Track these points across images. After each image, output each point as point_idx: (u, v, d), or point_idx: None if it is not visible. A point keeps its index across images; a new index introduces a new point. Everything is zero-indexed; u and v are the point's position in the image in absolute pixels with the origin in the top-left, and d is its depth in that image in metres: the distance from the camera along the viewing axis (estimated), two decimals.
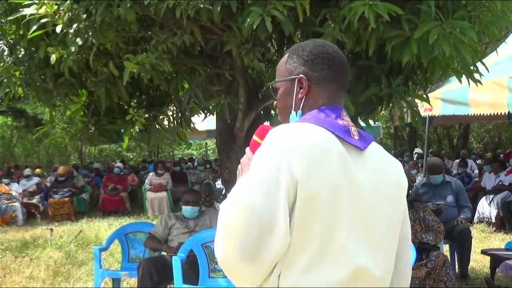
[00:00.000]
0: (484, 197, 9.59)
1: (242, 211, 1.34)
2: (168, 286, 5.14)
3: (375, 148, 1.54)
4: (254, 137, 1.58)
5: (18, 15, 4.02)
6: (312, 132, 1.42)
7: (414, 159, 14.19)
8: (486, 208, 9.41)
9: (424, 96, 4.69)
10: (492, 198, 9.34)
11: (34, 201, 12.35)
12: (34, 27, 3.91)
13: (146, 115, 4.81)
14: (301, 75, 1.55)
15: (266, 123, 4.68)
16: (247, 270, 1.36)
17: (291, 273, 1.35)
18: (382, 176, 1.50)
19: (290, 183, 1.34)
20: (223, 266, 1.42)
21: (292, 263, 1.36)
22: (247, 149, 1.57)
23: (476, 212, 9.42)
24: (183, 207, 5.21)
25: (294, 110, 1.56)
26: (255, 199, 1.34)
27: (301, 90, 1.55)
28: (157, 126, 4.96)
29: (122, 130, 5.17)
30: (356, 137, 1.47)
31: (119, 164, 15.37)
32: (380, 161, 1.53)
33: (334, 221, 1.37)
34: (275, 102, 1.67)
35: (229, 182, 4.87)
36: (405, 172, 5.24)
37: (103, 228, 10.09)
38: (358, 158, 1.45)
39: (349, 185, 1.40)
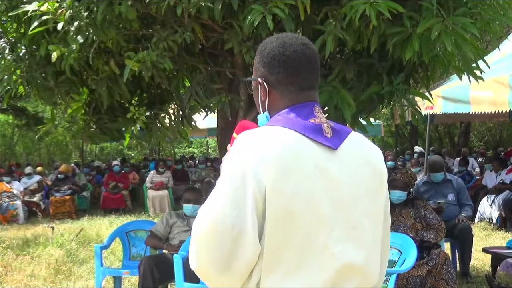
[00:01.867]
0: (486, 197, 9.57)
1: (211, 223, 1.33)
2: (169, 285, 5.15)
3: (351, 141, 1.48)
4: (234, 135, 1.55)
5: (19, 11, 4.03)
6: (282, 137, 1.38)
7: (415, 157, 14.17)
8: (487, 208, 9.39)
9: (426, 94, 4.68)
10: (494, 199, 9.32)
11: (35, 199, 12.36)
12: (35, 23, 3.91)
13: (147, 113, 4.82)
14: (259, 79, 1.53)
15: None
16: (223, 279, 1.37)
17: (272, 280, 1.34)
18: (359, 170, 1.46)
19: (258, 193, 1.31)
20: (200, 276, 1.43)
21: (272, 271, 1.34)
22: (229, 147, 1.55)
23: (478, 213, 9.41)
24: (184, 205, 5.21)
25: (262, 111, 1.55)
26: (223, 209, 1.32)
27: (262, 93, 1.53)
28: (158, 124, 4.96)
29: (123, 128, 5.17)
30: (329, 135, 1.43)
31: (115, 162, 15.31)
32: (357, 155, 1.47)
33: (313, 225, 1.35)
34: None
35: None
36: (406, 170, 5.18)
37: (104, 226, 10.09)
38: (333, 156, 1.42)
39: (326, 186, 1.38)
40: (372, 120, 4.94)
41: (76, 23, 3.85)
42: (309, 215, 1.34)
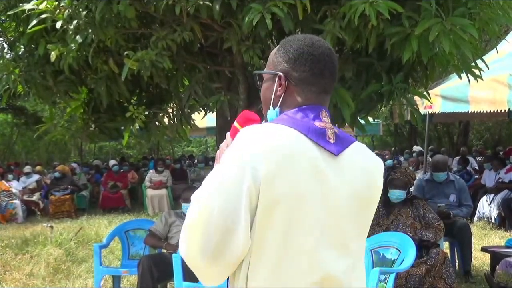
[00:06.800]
0: (485, 196, 9.58)
1: (204, 211, 1.35)
2: (168, 284, 5.15)
3: (354, 150, 1.48)
4: (235, 124, 1.55)
5: (18, 9, 4.02)
6: (282, 135, 1.39)
7: (414, 156, 14.16)
8: (486, 208, 9.39)
9: (425, 93, 4.68)
10: (493, 198, 9.33)
11: (34, 198, 12.35)
12: (34, 22, 3.91)
13: (146, 113, 4.81)
14: (281, 73, 1.51)
15: None
16: (210, 269, 1.38)
17: (256, 278, 1.36)
18: (357, 180, 1.46)
19: (253, 187, 1.33)
20: (188, 263, 1.43)
21: (256, 268, 1.36)
22: (227, 134, 1.54)
23: (477, 212, 9.42)
24: (183, 204, 5.21)
25: (272, 106, 1.53)
26: (218, 199, 1.34)
27: (280, 88, 1.51)
28: (157, 124, 4.96)
29: (122, 128, 5.17)
30: (332, 141, 1.43)
31: (113, 161, 15.26)
32: (356, 165, 1.47)
33: (298, 228, 1.35)
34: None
35: None
36: (405, 169, 5.18)
37: (103, 225, 10.08)
38: (333, 162, 1.41)
39: (320, 190, 1.38)
40: (370, 119, 4.94)
41: (74, 22, 3.84)
42: (293, 217, 1.35)
